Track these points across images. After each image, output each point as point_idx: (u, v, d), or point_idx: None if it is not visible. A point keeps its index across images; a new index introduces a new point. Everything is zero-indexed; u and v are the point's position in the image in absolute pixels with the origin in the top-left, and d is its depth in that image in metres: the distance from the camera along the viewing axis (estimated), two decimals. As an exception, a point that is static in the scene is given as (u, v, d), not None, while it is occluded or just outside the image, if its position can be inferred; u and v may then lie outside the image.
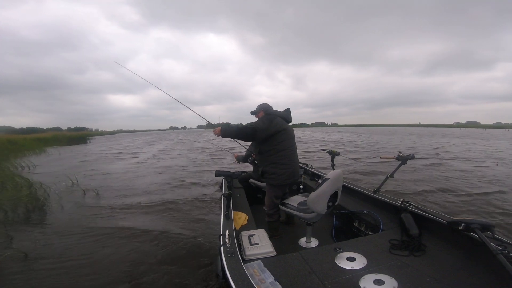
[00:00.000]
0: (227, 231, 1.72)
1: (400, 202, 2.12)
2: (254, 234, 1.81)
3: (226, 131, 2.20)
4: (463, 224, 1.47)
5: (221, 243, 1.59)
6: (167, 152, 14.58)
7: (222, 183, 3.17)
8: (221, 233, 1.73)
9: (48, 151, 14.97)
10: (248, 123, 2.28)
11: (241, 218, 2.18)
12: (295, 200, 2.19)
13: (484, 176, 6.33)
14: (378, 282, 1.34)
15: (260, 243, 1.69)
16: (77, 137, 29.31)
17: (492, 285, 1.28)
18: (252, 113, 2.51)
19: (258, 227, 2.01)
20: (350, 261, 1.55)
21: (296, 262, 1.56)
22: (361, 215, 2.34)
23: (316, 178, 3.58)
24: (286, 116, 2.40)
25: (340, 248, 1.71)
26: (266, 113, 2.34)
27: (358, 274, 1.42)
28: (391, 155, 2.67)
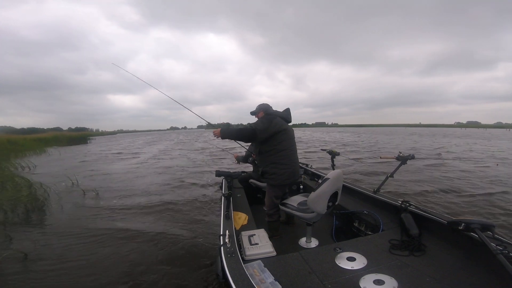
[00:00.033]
0: (227, 231, 1.72)
1: (400, 202, 2.12)
2: (254, 234, 1.81)
3: (226, 133, 2.20)
4: (463, 224, 1.47)
5: (221, 243, 1.59)
6: (167, 152, 14.57)
7: (222, 183, 3.17)
8: (221, 233, 1.74)
9: (48, 151, 14.99)
10: (248, 123, 2.28)
11: (241, 218, 2.18)
12: (295, 200, 2.19)
13: (486, 176, 6.30)
14: (378, 282, 1.34)
15: (260, 243, 1.69)
16: (77, 137, 29.34)
17: (492, 285, 1.28)
18: (252, 113, 2.51)
19: (258, 227, 2.01)
20: (350, 261, 1.55)
21: (296, 262, 1.56)
22: (361, 215, 2.34)
23: (316, 178, 3.58)
24: (286, 116, 2.40)
25: (340, 248, 1.71)
26: (266, 113, 2.34)
27: (358, 274, 1.42)
28: (391, 155, 2.67)
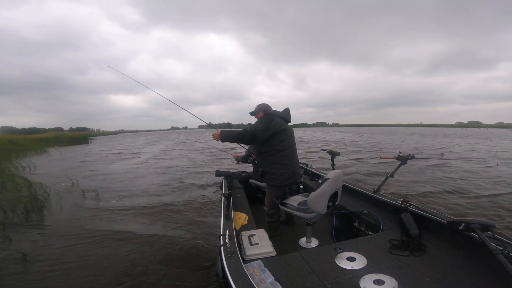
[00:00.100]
0: (227, 231, 1.72)
1: (400, 202, 2.11)
2: (254, 234, 1.81)
3: (226, 136, 2.19)
4: (463, 224, 1.47)
5: (221, 243, 1.59)
6: (168, 153, 14.58)
7: (222, 183, 3.17)
8: (221, 233, 1.74)
9: (49, 151, 15.04)
10: (249, 124, 2.27)
11: (241, 218, 2.18)
12: (295, 200, 2.19)
13: (489, 176, 6.26)
14: (378, 282, 1.34)
15: (260, 243, 1.69)
16: (78, 137, 29.41)
17: (492, 285, 1.28)
18: (251, 114, 2.50)
19: (258, 227, 2.01)
20: (350, 261, 1.55)
21: (296, 262, 1.56)
22: (361, 215, 2.34)
23: (316, 178, 3.58)
24: (285, 116, 2.39)
25: (340, 248, 1.71)
26: (265, 114, 2.34)
27: (358, 274, 1.42)
28: (391, 155, 2.67)
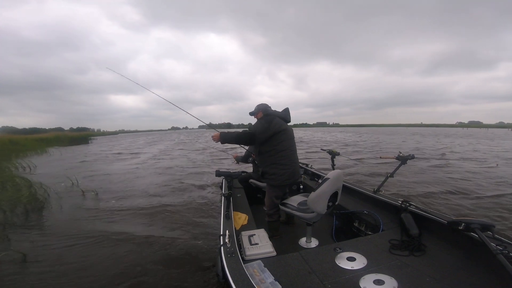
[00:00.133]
0: (227, 231, 1.72)
1: (400, 202, 2.11)
2: (254, 234, 1.81)
3: (226, 138, 2.19)
4: (463, 224, 1.47)
5: (221, 243, 1.60)
6: (168, 153, 14.59)
7: (222, 183, 3.17)
8: (221, 233, 1.74)
9: (49, 151, 15.04)
10: (249, 124, 2.27)
11: (241, 218, 2.18)
12: (295, 200, 2.19)
13: (491, 177, 6.23)
14: (378, 282, 1.34)
15: (260, 243, 1.69)
16: (79, 137, 29.42)
17: (492, 285, 1.28)
18: (251, 114, 2.50)
19: (258, 227, 2.01)
20: (350, 261, 1.55)
21: (296, 262, 1.56)
22: (361, 215, 2.34)
23: (316, 178, 3.58)
24: (285, 116, 2.39)
25: (340, 248, 1.71)
26: (265, 114, 2.34)
27: (358, 274, 1.42)
28: (391, 155, 2.67)
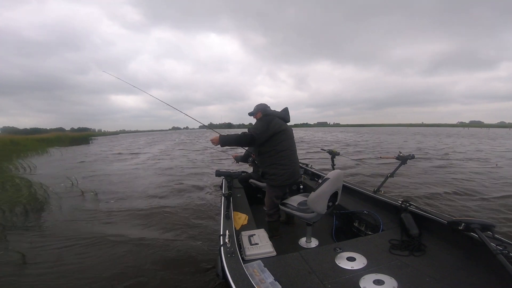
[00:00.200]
0: (227, 231, 1.72)
1: (400, 202, 2.11)
2: (254, 234, 1.81)
3: (225, 141, 2.19)
4: (463, 224, 1.46)
5: (221, 243, 1.59)
6: (168, 153, 14.59)
7: (222, 183, 3.17)
8: (221, 233, 1.74)
9: (50, 151, 15.06)
10: (250, 124, 2.27)
11: (241, 218, 2.18)
12: (295, 200, 2.19)
13: (495, 177, 6.20)
14: (378, 282, 1.34)
15: (260, 243, 1.69)
16: (79, 137, 29.47)
17: (492, 285, 1.28)
18: (250, 114, 2.50)
19: (258, 227, 2.01)
20: (350, 261, 1.55)
21: (296, 262, 1.57)
22: (361, 215, 2.34)
23: (316, 178, 3.58)
24: (284, 116, 2.39)
25: (340, 248, 1.71)
26: (264, 114, 2.33)
27: (358, 274, 1.42)
28: (392, 155, 2.67)
